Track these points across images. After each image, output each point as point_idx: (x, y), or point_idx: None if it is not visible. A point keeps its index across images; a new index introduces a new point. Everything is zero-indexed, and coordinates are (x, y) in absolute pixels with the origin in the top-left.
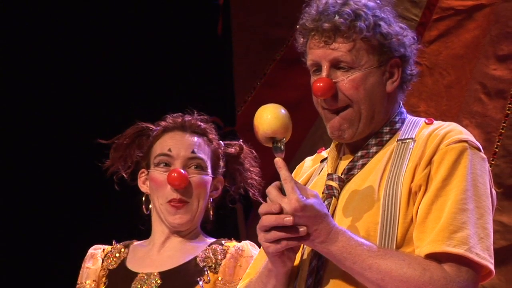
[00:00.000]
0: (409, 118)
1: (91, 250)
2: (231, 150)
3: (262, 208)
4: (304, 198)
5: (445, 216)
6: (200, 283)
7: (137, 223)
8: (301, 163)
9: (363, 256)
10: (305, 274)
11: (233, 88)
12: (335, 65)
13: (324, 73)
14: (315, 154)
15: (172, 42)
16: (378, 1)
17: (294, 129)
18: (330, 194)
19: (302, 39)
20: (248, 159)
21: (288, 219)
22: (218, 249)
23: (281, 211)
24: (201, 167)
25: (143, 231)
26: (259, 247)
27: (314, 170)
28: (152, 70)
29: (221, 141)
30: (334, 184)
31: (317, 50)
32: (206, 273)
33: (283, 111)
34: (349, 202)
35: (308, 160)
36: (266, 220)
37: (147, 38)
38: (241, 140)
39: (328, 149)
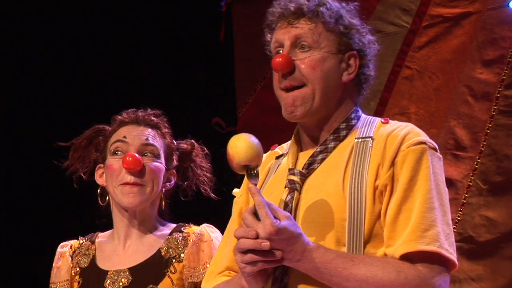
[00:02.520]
0: (364, 116)
1: (59, 249)
2: (184, 146)
3: (239, 232)
4: (278, 221)
5: (415, 216)
6: (168, 275)
7: (99, 217)
8: None
9: (339, 269)
10: (270, 283)
11: (234, 91)
12: (296, 44)
13: (285, 51)
14: (269, 151)
15: (178, 47)
16: (344, 4)
17: (292, 128)
18: (293, 188)
19: (269, 35)
20: (199, 156)
21: (265, 244)
22: (179, 237)
23: (257, 237)
24: (154, 154)
25: (106, 224)
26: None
27: (270, 166)
28: (159, 74)
29: (174, 140)
30: (296, 178)
31: (281, 30)
32: (172, 263)
33: (255, 140)
34: (312, 197)
35: (263, 157)
36: (243, 244)
37: (154, 44)
38: (193, 140)
39: (282, 145)
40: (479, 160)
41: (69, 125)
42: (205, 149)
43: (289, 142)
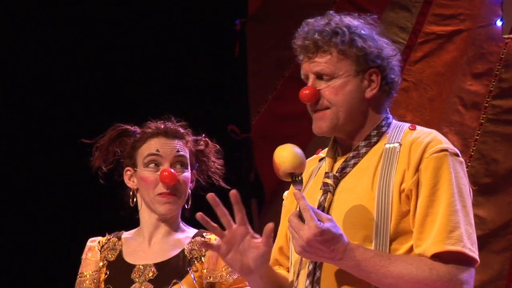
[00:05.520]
0: (395, 122)
1: (89, 243)
2: (201, 147)
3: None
4: (321, 223)
5: (441, 219)
6: (191, 273)
7: (124, 213)
8: None
9: (377, 267)
10: (304, 277)
11: (248, 101)
12: (319, 76)
13: (310, 82)
14: (314, 155)
15: (198, 62)
16: (362, 20)
17: (301, 135)
18: (326, 190)
19: (299, 56)
20: (212, 152)
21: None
22: (201, 242)
23: None
24: (184, 165)
25: (128, 222)
26: None
27: (313, 169)
28: (180, 87)
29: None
30: (329, 181)
31: (304, 64)
32: (194, 263)
33: (298, 150)
34: (344, 199)
35: (307, 162)
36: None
37: (177, 59)
38: (203, 135)
39: (326, 149)
40: (469, 164)
41: (95, 123)
42: (217, 145)
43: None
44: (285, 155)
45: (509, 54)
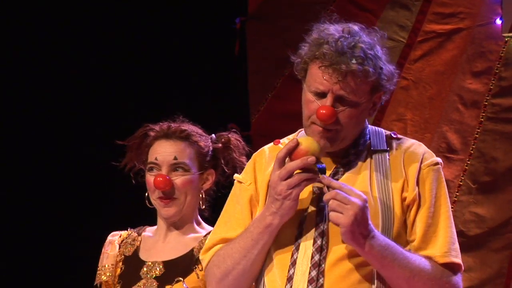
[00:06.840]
0: (370, 127)
1: (109, 237)
2: (218, 145)
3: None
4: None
5: (444, 230)
6: (195, 271)
7: (148, 210)
8: (259, 152)
9: (398, 254)
10: (302, 283)
11: (248, 99)
12: (339, 98)
13: (328, 102)
14: (272, 145)
15: (197, 61)
16: (375, 38)
17: None
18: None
19: (305, 56)
20: (237, 148)
21: (311, 159)
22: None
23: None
24: (184, 169)
25: (152, 219)
26: None
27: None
28: (180, 85)
29: (213, 135)
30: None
31: (327, 83)
32: (200, 262)
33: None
34: None
35: (267, 149)
36: (290, 165)
37: (177, 59)
38: (233, 130)
39: (283, 140)
40: (468, 162)
41: (94, 122)
42: (241, 140)
43: (291, 137)
44: (310, 140)
45: (509, 53)
